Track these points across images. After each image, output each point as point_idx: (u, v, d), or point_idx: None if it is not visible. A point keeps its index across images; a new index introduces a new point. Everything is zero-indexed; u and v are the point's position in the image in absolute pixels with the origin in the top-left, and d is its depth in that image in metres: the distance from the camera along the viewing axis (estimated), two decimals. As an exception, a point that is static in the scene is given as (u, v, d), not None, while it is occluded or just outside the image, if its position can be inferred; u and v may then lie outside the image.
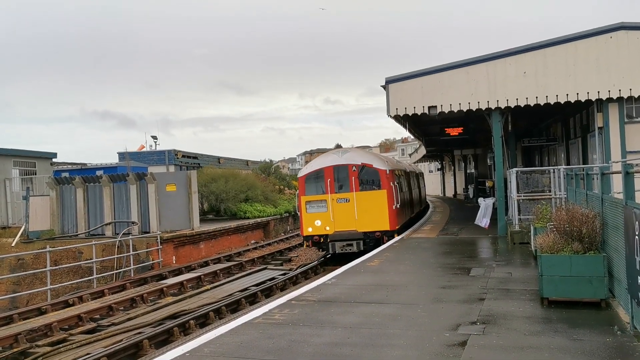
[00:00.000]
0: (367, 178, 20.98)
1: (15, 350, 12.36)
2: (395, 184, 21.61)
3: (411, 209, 27.75)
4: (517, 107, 19.44)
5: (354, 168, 20.82)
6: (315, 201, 20.98)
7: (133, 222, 24.65)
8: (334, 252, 20.70)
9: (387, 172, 20.91)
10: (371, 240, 20.28)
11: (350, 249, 20.26)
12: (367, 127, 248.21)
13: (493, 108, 19.64)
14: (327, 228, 20.75)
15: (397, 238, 20.86)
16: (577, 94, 18.83)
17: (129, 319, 14.54)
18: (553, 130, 30.47)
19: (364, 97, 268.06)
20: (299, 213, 21.59)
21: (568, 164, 25.55)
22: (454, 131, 27.34)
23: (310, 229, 21.00)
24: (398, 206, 21.47)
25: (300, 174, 22.23)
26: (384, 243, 19.40)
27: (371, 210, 20.43)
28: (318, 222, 20.79)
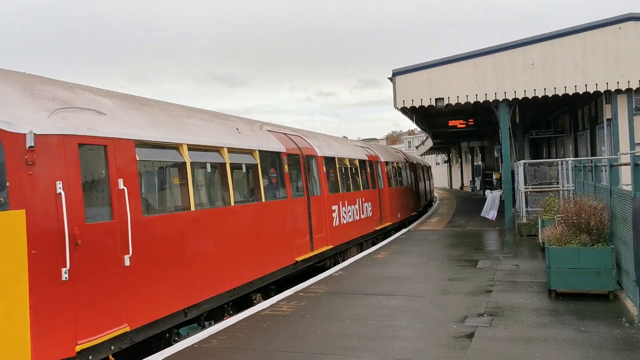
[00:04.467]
0: None
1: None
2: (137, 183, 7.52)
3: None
4: (525, 98, 19.33)
5: None
6: None
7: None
8: None
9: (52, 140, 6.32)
10: None
11: None
12: (369, 119, 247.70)
13: (500, 100, 19.54)
14: None
15: (403, 230, 20.78)
16: (586, 85, 18.70)
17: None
18: (561, 122, 30.28)
19: (356, 89, 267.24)
20: None
21: (576, 156, 25.41)
22: (459, 123, 27.24)
23: None
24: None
25: None
26: None
27: None
28: None
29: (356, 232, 16.86)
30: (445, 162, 66.31)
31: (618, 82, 18.49)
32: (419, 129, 48.51)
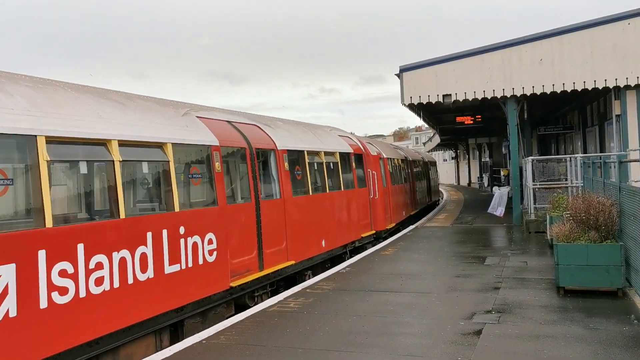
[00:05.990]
0: None
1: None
2: None
3: None
4: (533, 95, 19.22)
5: None
6: None
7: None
8: None
9: None
10: None
11: None
12: (376, 116, 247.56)
13: (508, 96, 19.44)
14: None
15: (411, 227, 20.78)
16: (595, 81, 18.57)
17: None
18: (570, 118, 30.11)
19: (358, 85, 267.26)
20: None
21: (585, 152, 25.25)
22: (467, 120, 27.14)
23: None
24: None
25: None
26: None
27: None
28: None
29: (132, 315, 7.28)
30: (452, 158, 66.16)
31: (627, 78, 18.35)
32: (426, 126, 48.41)
